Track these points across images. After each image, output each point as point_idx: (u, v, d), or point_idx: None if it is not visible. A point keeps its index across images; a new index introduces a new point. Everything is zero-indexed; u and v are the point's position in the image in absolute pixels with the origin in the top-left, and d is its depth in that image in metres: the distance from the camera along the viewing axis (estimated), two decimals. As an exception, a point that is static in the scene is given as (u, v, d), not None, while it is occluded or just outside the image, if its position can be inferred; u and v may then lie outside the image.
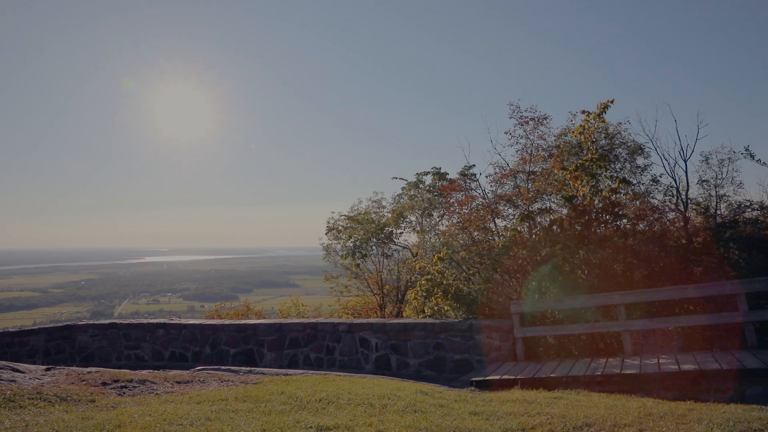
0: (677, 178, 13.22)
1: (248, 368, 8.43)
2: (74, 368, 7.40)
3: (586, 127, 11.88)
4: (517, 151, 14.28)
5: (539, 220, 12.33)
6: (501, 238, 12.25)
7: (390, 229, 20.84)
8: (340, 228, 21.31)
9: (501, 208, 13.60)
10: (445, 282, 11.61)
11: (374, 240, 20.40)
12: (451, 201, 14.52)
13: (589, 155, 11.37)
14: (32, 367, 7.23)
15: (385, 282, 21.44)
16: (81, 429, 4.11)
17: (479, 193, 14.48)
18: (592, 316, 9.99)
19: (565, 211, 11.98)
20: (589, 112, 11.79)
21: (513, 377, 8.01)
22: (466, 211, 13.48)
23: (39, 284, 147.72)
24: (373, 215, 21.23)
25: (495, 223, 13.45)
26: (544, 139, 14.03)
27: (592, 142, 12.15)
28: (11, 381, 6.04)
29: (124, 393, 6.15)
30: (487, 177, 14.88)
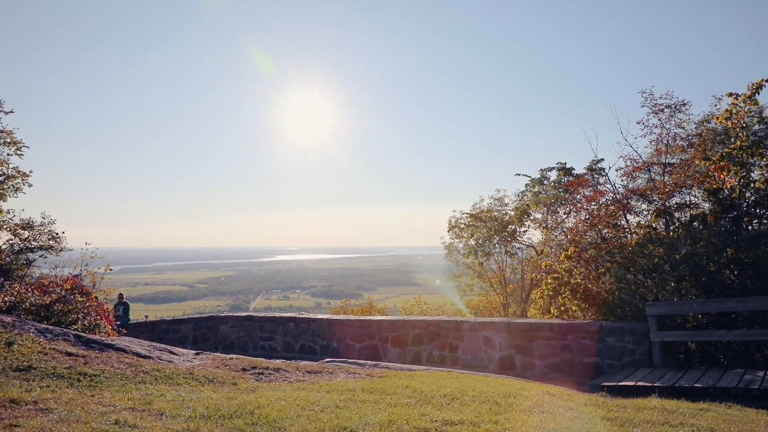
0: None
1: (373, 362, 8.70)
2: (218, 354, 8.15)
3: (734, 111, 10.69)
4: (650, 142, 13.28)
5: (677, 215, 11.36)
6: (634, 235, 11.44)
7: (513, 226, 20.38)
8: (461, 226, 21.24)
9: (633, 203, 12.73)
10: (572, 281, 11.11)
11: (497, 238, 20.07)
12: (578, 197, 13.84)
13: (738, 142, 10.23)
14: (184, 351, 8.08)
15: (508, 281, 21.00)
16: (227, 407, 4.52)
17: (609, 188, 13.66)
18: (745, 321, 8.99)
19: (708, 205, 10.93)
20: (737, 95, 10.56)
21: (650, 384, 7.45)
22: (595, 207, 12.78)
23: (186, 279, 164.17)
24: (496, 213, 20.90)
25: (626, 219, 12.60)
26: (683, 128, 12.91)
27: (742, 127, 10.92)
28: (169, 362, 6.80)
29: (261, 379, 6.66)
30: (617, 171, 14.00)
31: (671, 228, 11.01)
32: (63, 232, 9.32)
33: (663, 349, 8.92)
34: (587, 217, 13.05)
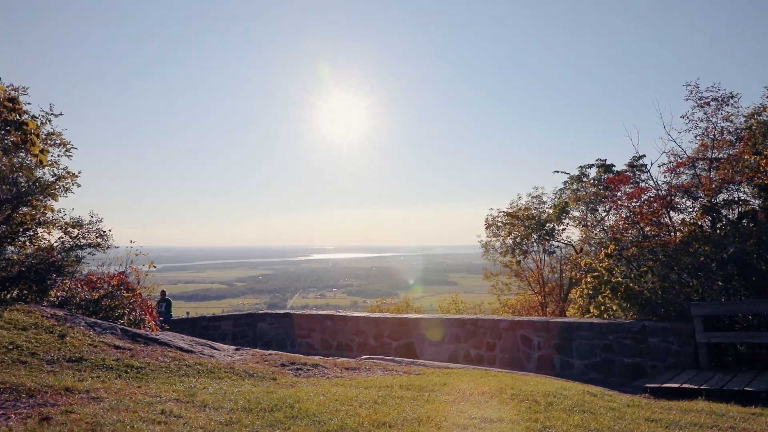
0: None
1: (410, 360, 8.71)
2: (257, 350, 8.32)
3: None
4: (695, 137, 12.86)
5: (725, 212, 10.95)
6: (678, 233, 11.10)
7: (551, 224, 20.07)
8: (498, 224, 21.04)
9: (677, 200, 12.34)
10: (613, 280, 10.85)
11: (535, 236, 19.79)
12: (619, 194, 13.51)
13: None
14: (225, 346, 8.27)
15: (546, 280, 20.69)
16: (267, 401, 4.61)
17: (651, 185, 13.28)
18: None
19: (758, 201, 10.51)
20: (791, 85, 10.13)
21: (696, 387, 7.21)
22: (636, 205, 12.45)
23: (226, 277, 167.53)
24: (534, 211, 20.62)
25: (670, 216, 12.23)
26: (731, 121, 12.45)
27: (796, 120, 10.47)
28: (210, 356, 6.97)
29: (299, 374, 6.76)
30: (659, 167, 13.60)
31: (718, 226, 10.63)
32: (110, 230, 9.65)
33: (710, 350, 8.61)
34: (628, 214, 12.73)
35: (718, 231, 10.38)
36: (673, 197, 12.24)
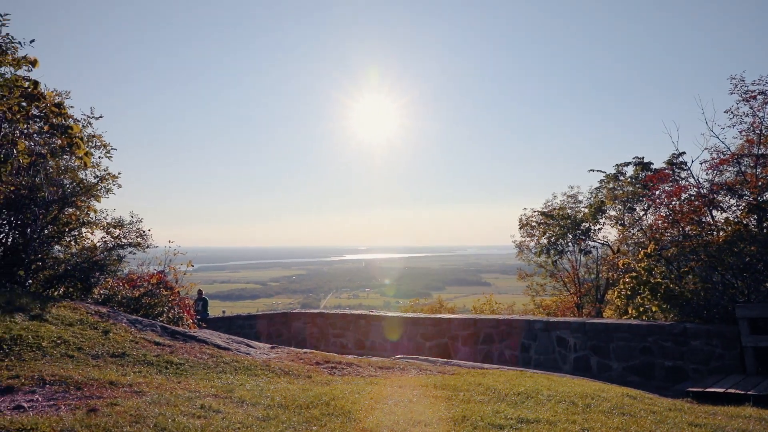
0: None
1: (444, 359, 8.67)
2: (292, 348, 8.41)
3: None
4: (740, 132, 12.43)
5: (772, 211, 10.54)
6: (721, 232, 10.74)
7: (587, 224, 19.70)
8: (533, 224, 20.77)
9: (720, 198, 11.94)
10: (653, 281, 10.58)
11: (570, 236, 19.46)
12: (658, 192, 13.16)
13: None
14: (260, 344, 8.40)
15: (582, 281, 20.31)
16: (303, 398, 4.66)
17: (692, 183, 12.91)
18: None
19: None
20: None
21: (742, 392, 6.97)
22: (676, 203, 12.10)
23: (260, 277, 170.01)
24: (569, 210, 20.28)
25: (712, 215, 11.85)
26: (779, 116, 11.96)
27: None
28: (247, 354, 7.09)
29: (334, 372, 6.80)
30: (701, 164, 13.18)
31: (765, 225, 10.25)
32: (149, 230, 9.91)
33: (756, 354, 8.30)
34: (668, 213, 12.39)
35: (765, 230, 10.01)
36: (715, 195, 11.86)
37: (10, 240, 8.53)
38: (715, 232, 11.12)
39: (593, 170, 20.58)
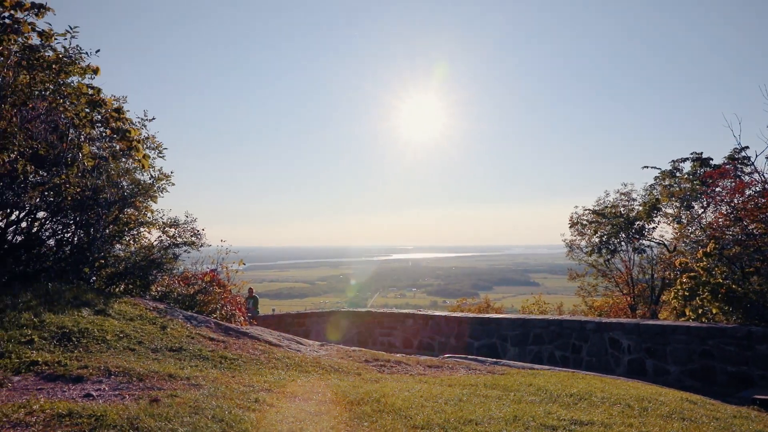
0: None
1: (494, 359, 8.58)
2: (341, 346, 8.51)
3: None
4: (810, 125, 11.74)
5: None
6: (789, 231, 10.18)
7: (641, 222, 19.05)
8: (584, 223, 20.26)
9: (788, 195, 11.31)
10: (713, 281, 10.14)
11: (623, 235, 18.87)
12: (718, 189, 12.60)
13: None
14: (310, 341, 8.54)
15: (636, 281, 19.65)
16: (353, 394, 4.71)
17: (756, 179, 12.28)
18: None
19: None
20: None
21: (813, 399, 6.59)
22: (739, 200, 11.55)
23: (308, 277, 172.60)
24: (622, 208, 19.67)
25: (779, 213, 11.24)
26: None
27: None
28: (297, 350, 7.23)
29: (383, 370, 6.84)
30: (766, 159, 12.54)
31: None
32: (203, 229, 10.23)
33: (828, 359, 7.85)
34: (730, 210, 11.84)
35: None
36: (783, 191, 11.25)
37: (76, 239, 8.99)
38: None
39: (647, 167, 19.88)
